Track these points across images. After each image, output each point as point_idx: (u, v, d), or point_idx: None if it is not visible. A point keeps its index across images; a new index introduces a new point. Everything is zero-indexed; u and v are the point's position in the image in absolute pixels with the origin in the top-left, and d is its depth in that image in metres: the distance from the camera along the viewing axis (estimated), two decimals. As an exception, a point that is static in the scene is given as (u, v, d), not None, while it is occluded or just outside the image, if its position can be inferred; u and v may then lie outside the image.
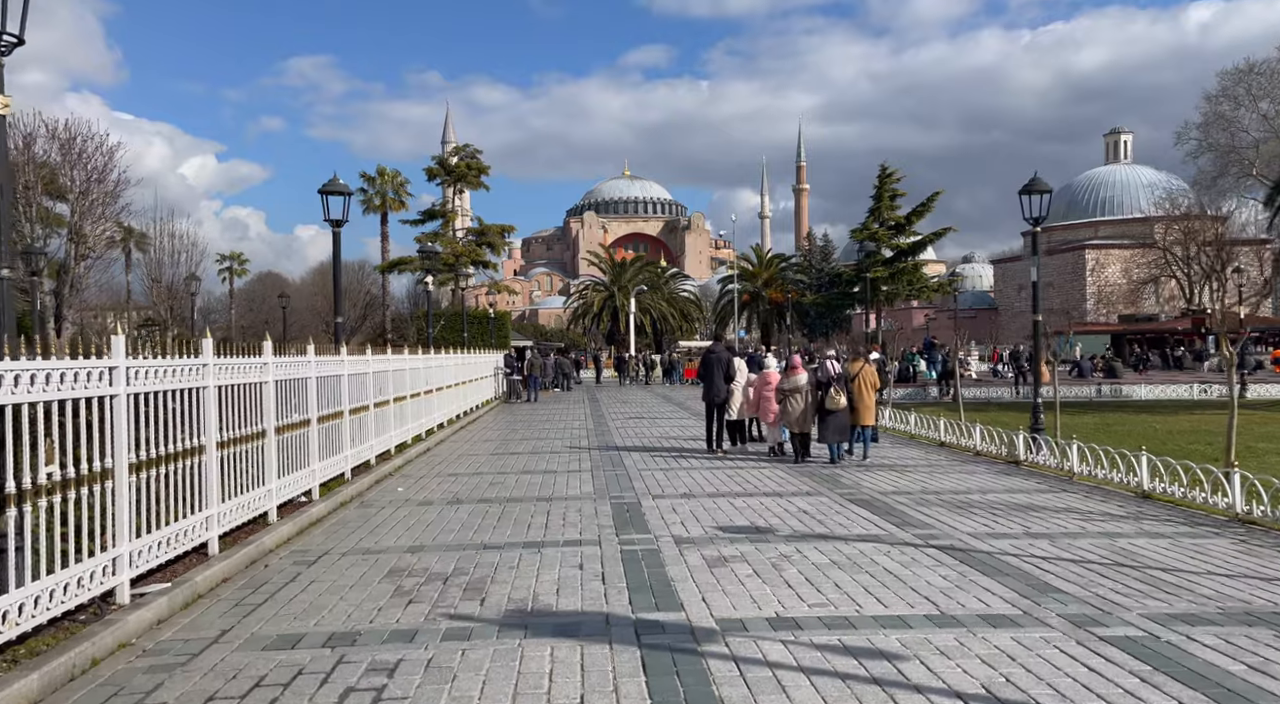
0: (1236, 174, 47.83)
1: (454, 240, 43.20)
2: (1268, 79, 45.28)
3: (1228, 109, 46.75)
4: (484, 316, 37.82)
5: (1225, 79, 46.68)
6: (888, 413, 19.76)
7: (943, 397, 33.20)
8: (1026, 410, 27.57)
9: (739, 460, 14.95)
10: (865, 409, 14.56)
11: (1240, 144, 46.59)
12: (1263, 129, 45.99)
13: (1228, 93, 46.56)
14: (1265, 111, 46.03)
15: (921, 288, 68.17)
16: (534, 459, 15.52)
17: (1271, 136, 45.16)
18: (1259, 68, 45.41)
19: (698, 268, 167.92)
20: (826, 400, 13.98)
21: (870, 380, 14.80)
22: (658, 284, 74.77)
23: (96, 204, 26.70)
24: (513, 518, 9.90)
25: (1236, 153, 46.65)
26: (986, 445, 15.22)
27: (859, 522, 9.51)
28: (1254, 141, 45.92)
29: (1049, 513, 9.87)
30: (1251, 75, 45.49)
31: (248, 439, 8.38)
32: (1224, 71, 46.85)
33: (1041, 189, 13.76)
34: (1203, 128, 48.06)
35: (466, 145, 44.62)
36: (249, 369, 8.47)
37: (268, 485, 8.90)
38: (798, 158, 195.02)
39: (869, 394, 14.66)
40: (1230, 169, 47.45)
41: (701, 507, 10.50)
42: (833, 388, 13.96)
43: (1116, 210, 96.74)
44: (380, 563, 7.82)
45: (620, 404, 30.77)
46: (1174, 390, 32.63)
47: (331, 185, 13.51)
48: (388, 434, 14.71)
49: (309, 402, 10.38)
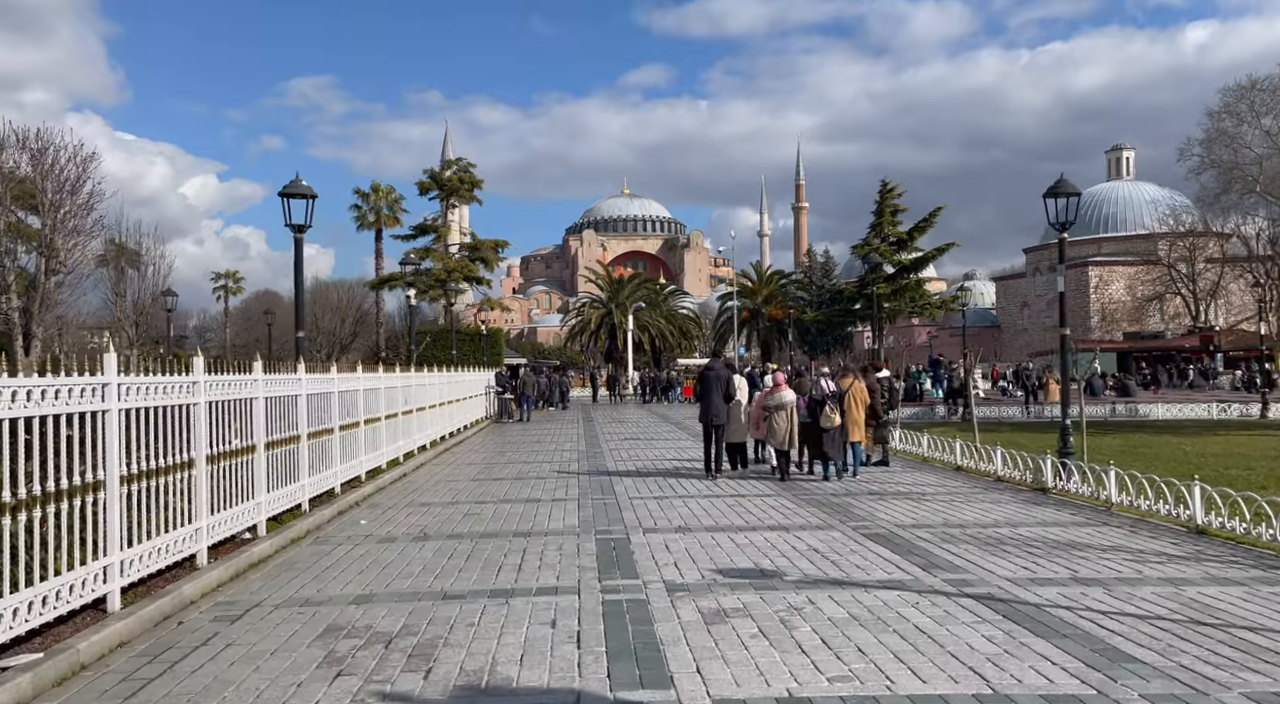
0: (1240, 190, 47.05)
1: (446, 256, 42.14)
2: (1270, 95, 44.54)
3: (1230, 125, 45.98)
4: (476, 333, 36.61)
5: (1227, 95, 45.95)
6: (897, 434, 18.56)
7: (950, 416, 32.01)
8: (1040, 431, 26.62)
9: (740, 486, 13.73)
10: (855, 426, 14.66)
11: (1243, 160, 45.81)
12: (1266, 145, 45.23)
13: (1230, 109, 45.81)
14: (1269, 128, 45.27)
15: (924, 305, 66.96)
16: (518, 486, 14.30)
17: (1275, 153, 44.37)
18: (1261, 84, 44.68)
19: (697, 285, 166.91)
20: (821, 418, 14.04)
21: (860, 397, 14.82)
22: (656, 301, 73.69)
23: (69, 216, 25.58)
24: (483, 558, 8.68)
25: (1240, 169, 45.86)
26: (1009, 470, 14.01)
27: (878, 563, 8.30)
28: (1257, 158, 45.16)
29: (1094, 552, 8.66)
30: (1254, 92, 44.75)
31: (167, 470, 7.18)
32: (1226, 88, 46.13)
33: (1068, 191, 12.62)
34: (1205, 144, 47.26)
35: (460, 159, 43.53)
36: (170, 389, 7.28)
37: (196, 523, 7.69)
38: (797, 176, 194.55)
39: (859, 411, 14.75)
40: (1234, 185, 46.66)
41: (698, 543, 9.29)
42: (828, 406, 14.06)
43: (1120, 227, 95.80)
44: (317, 618, 6.61)
45: (616, 424, 29.55)
46: (1192, 410, 31.43)
47: (293, 187, 12.36)
48: (357, 459, 13.50)
49: (255, 425, 9.18)
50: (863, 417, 14.86)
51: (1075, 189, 12.73)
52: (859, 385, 14.96)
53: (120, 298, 29.74)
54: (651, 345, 71.26)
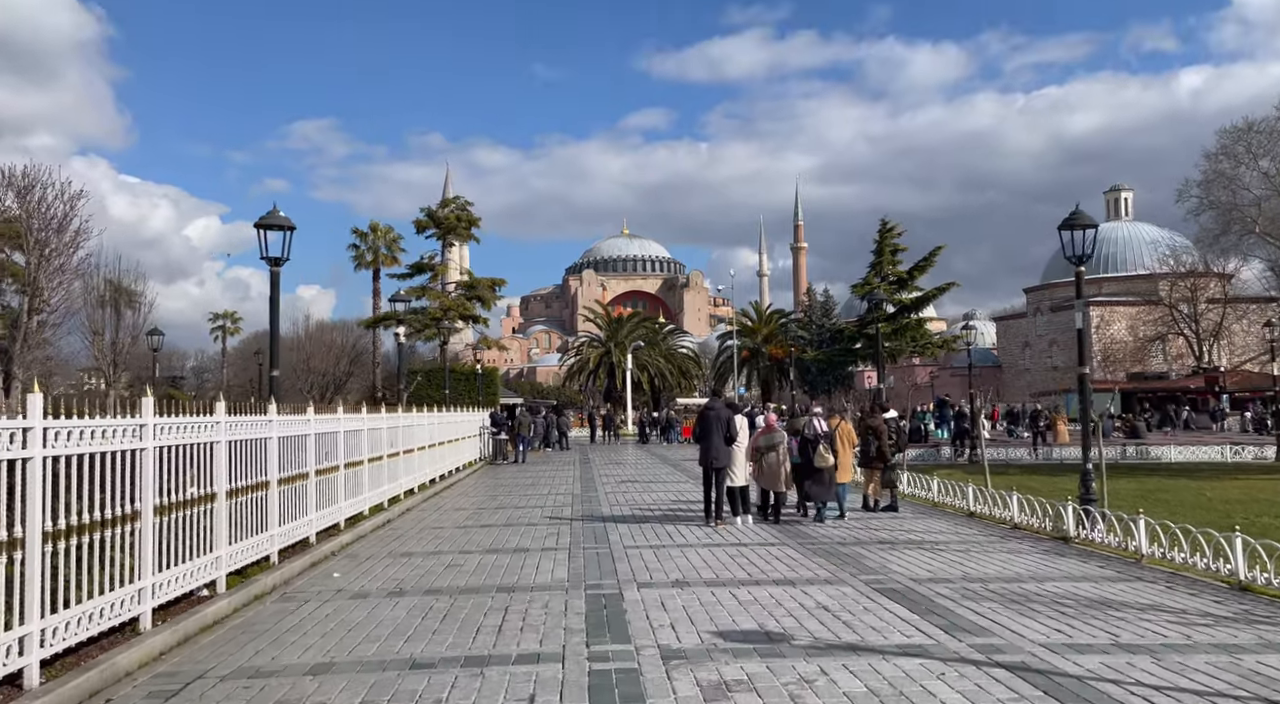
0: (1239, 232, 46.90)
1: (442, 294, 41.58)
2: (1267, 137, 44.55)
3: (1228, 167, 45.94)
4: (471, 373, 35.84)
5: (1224, 137, 45.96)
6: (905, 477, 17.78)
7: (957, 458, 31.20)
8: (1050, 474, 25.81)
9: (741, 534, 12.95)
10: (843, 467, 14.69)
11: (1242, 202, 45.70)
12: (1264, 187, 45.15)
13: (1227, 151, 45.80)
14: (1266, 169, 45.23)
15: (925, 344, 66.41)
16: (506, 533, 13.51)
17: (1273, 194, 44.26)
18: (1258, 126, 44.73)
19: (697, 325, 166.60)
20: (815, 458, 13.99)
21: (849, 439, 15.01)
22: (655, 340, 73.06)
23: (54, 254, 25.03)
24: (460, 618, 7.91)
25: (1238, 210, 45.72)
26: (1026, 517, 13.23)
27: (895, 624, 7.53)
28: (1256, 199, 45.06)
29: (1133, 612, 7.88)
30: (1250, 133, 44.76)
31: (105, 524, 6.45)
32: (1223, 130, 46.21)
33: (1084, 223, 12.01)
34: (1203, 186, 47.21)
35: (457, 197, 43.16)
36: (111, 434, 6.58)
37: (139, 582, 6.93)
38: (795, 217, 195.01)
39: (848, 452, 14.90)
40: (1233, 227, 46.51)
41: (697, 600, 8.52)
42: (821, 446, 14.01)
43: (1120, 267, 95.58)
44: (264, 695, 5.84)
45: (613, 465, 28.73)
46: (1204, 452, 30.60)
47: (269, 218, 11.73)
48: (336, 505, 12.74)
49: (217, 471, 8.46)
50: (850, 458, 15.02)
51: (1091, 220, 12.13)
52: (846, 426, 15.12)
53: (98, 336, 28.99)
54: (651, 385, 70.50)
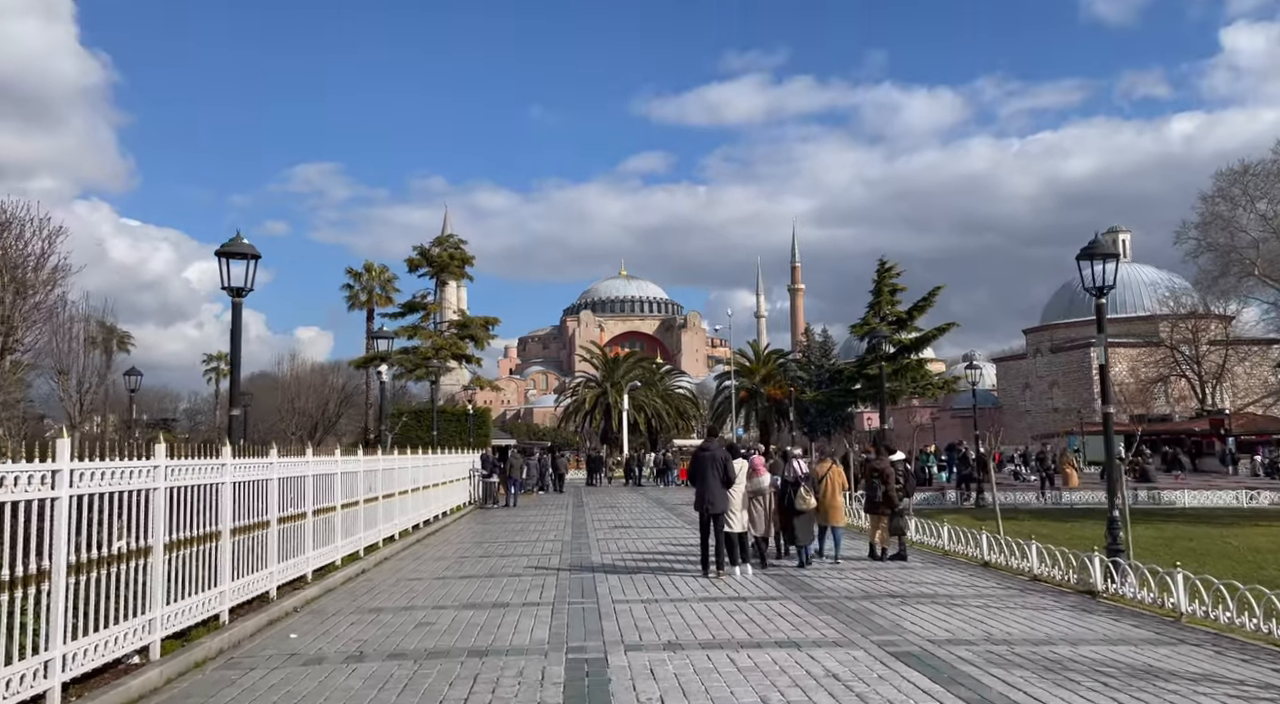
0: (1238, 274, 46.71)
1: (434, 333, 40.77)
2: (1264, 179, 44.51)
3: (1225, 209, 45.81)
4: (463, 413, 34.87)
5: (1221, 180, 45.86)
6: (913, 523, 16.85)
7: (963, 502, 30.21)
8: (1061, 519, 24.79)
9: (740, 587, 12.00)
10: (834, 509, 14.52)
11: (1240, 244, 45.55)
12: (1262, 229, 45.05)
13: (1224, 193, 45.69)
14: (1264, 212, 45.13)
15: (926, 385, 65.52)
16: (487, 586, 12.55)
17: (1271, 236, 44.10)
18: (1254, 169, 44.74)
19: (694, 366, 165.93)
20: (796, 501, 13.61)
21: (839, 481, 14.83)
22: (652, 380, 72.18)
23: (30, 291, 24.23)
24: (421, 690, 6.97)
25: (1237, 252, 45.54)
26: (1046, 568, 12.31)
27: (916, 697, 6.60)
28: (1253, 241, 44.95)
29: (1185, 684, 6.96)
30: (1247, 176, 44.73)
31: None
32: (1220, 172, 46.18)
33: (1104, 253, 11.25)
34: (1201, 227, 47.02)
35: (450, 235, 42.56)
36: (22, 480, 5.72)
37: (47, 653, 6.02)
38: (792, 258, 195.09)
39: (838, 495, 14.69)
40: (1231, 269, 46.32)
41: (691, 666, 7.59)
42: (801, 488, 13.67)
43: (1120, 308, 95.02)
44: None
45: (607, 509, 27.71)
46: (1218, 497, 29.60)
47: (232, 246, 10.95)
48: (302, 556, 11.78)
49: (153, 522, 7.57)
50: (841, 500, 14.87)
51: (1112, 250, 11.38)
52: (837, 469, 14.99)
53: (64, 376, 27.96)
54: (648, 425, 69.45)
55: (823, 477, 14.56)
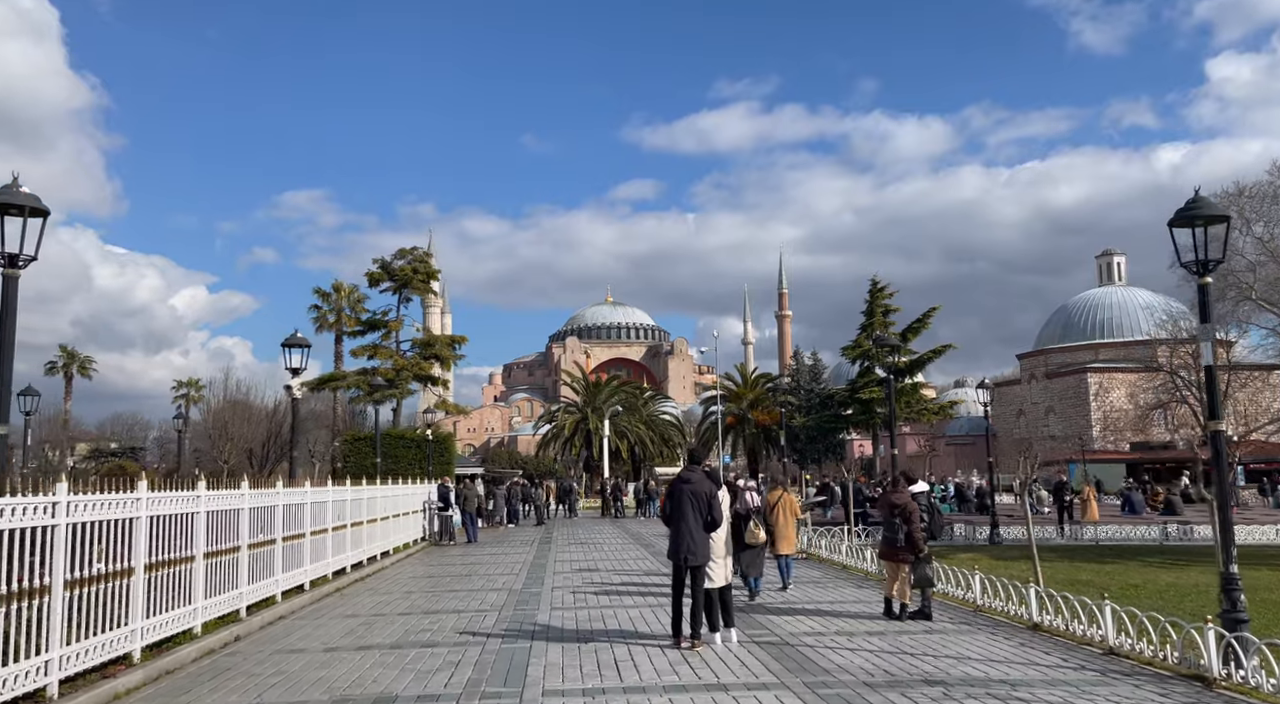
0: (1235, 298, 44.81)
1: (394, 353, 37.65)
2: (1259, 202, 42.75)
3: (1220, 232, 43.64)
4: (421, 440, 31.68)
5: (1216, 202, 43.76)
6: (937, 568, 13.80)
7: (974, 537, 27.18)
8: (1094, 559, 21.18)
9: (722, 663, 8.93)
10: (785, 540, 14.43)
11: (1236, 267, 43.65)
12: (1258, 252, 43.28)
13: (1219, 215, 43.56)
14: (1260, 234, 43.36)
15: (921, 410, 62.74)
16: (384, 663, 9.43)
17: (1268, 259, 42.29)
18: (1249, 191, 42.94)
19: (681, 393, 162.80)
20: (745, 534, 12.53)
21: (791, 509, 14.66)
22: (635, 406, 68.98)
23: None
24: None
25: (1234, 276, 43.62)
26: (1127, 640, 9.30)
27: None
28: (1250, 264, 43.11)
29: None
30: (1242, 199, 42.90)
31: None
32: (1214, 195, 44.13)
33: (1210, 214, 8.35)
34: (1196, 250, 44.80)
35: (414, 248, 39.58)
36: None
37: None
38: (780, 285, 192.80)
39: (789, 523, 14.56)
40: (1228, 292, 44.41)
41: None
42: (752, 522, 12.76)
43: (1116, 332, 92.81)
44: None
45: (576, 547, 24.53)
46: (1257, 533, 26.67)
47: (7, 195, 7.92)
48: (122, 629, 8.63)
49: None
50: (792, 530, 14.79)
51: (1222, 211, 8.52)
52: (789, 497, 14.85)
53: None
54: (631, 453, 66.30)
55: (774, 505, 14.42)
